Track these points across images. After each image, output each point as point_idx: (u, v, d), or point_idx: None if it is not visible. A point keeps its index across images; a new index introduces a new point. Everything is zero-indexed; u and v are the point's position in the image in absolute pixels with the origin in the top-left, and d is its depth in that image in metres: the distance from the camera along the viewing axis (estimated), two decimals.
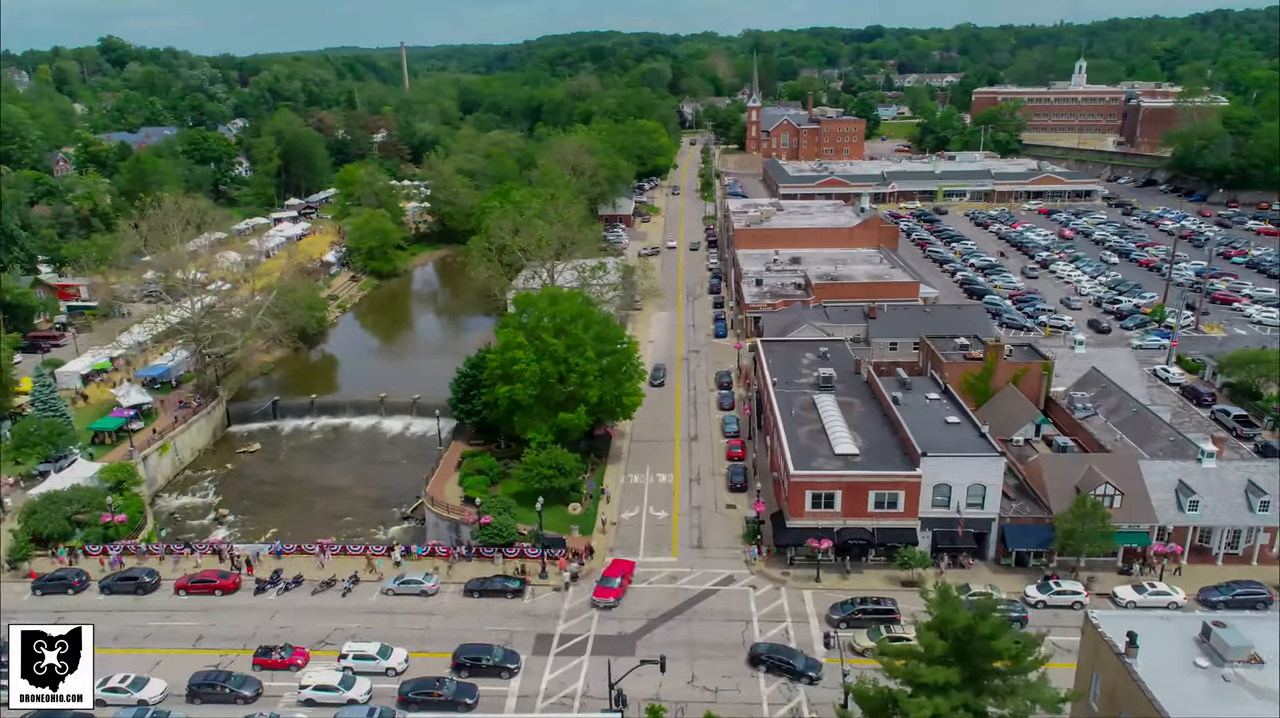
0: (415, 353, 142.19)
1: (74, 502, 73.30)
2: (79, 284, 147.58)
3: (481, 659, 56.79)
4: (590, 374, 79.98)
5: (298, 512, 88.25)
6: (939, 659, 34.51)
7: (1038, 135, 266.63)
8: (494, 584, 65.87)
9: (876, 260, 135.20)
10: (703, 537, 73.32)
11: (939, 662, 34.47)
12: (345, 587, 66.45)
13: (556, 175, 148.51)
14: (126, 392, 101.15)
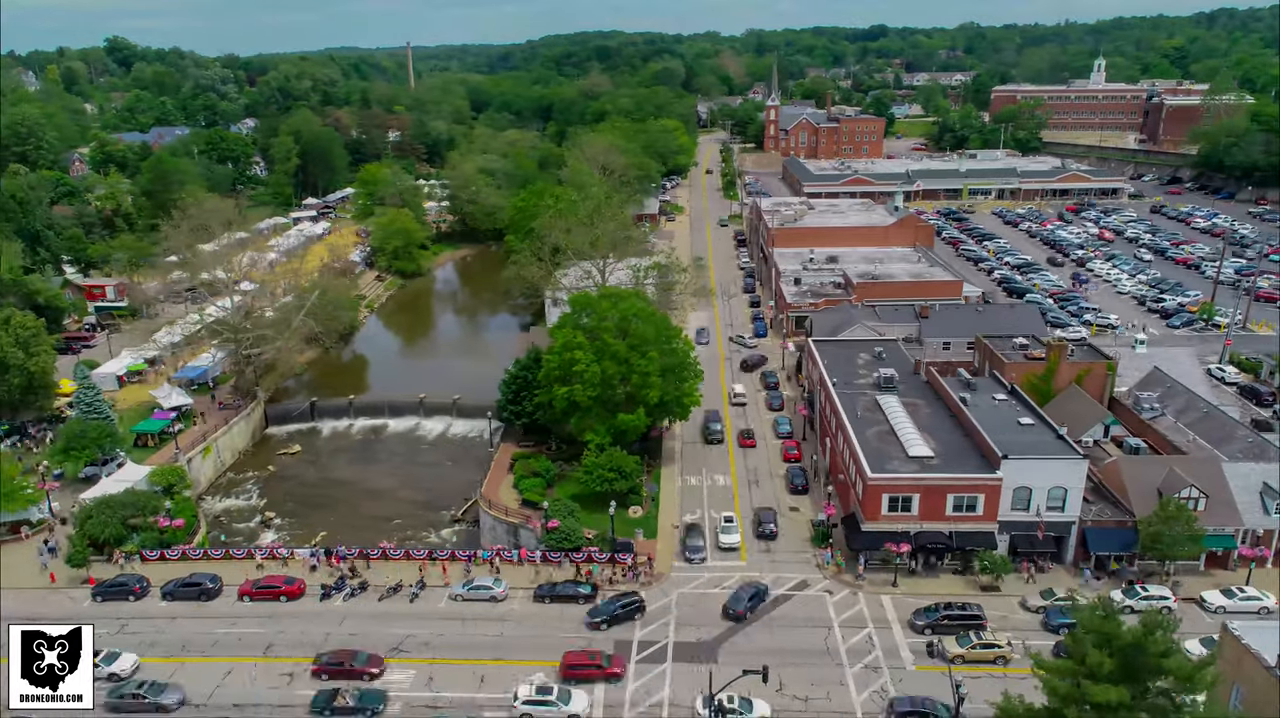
0: (445, 353, 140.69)
1: (129, 506, 71.83)
2: (105, 285, 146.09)
3: None
4: (652, 375, 78.53)
5: (345, 515, 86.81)
6: (1106, 677, 32.95)
7: (1058, 133, 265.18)
8: (565, 590, 64.45)
9: (915, 259, 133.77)
10: (769, 540, 71.87)
11: (1106, 680, 32.93)
12: (413, 592, 65.01)
13: (587, 175, 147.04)
14: (167, 393, 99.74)
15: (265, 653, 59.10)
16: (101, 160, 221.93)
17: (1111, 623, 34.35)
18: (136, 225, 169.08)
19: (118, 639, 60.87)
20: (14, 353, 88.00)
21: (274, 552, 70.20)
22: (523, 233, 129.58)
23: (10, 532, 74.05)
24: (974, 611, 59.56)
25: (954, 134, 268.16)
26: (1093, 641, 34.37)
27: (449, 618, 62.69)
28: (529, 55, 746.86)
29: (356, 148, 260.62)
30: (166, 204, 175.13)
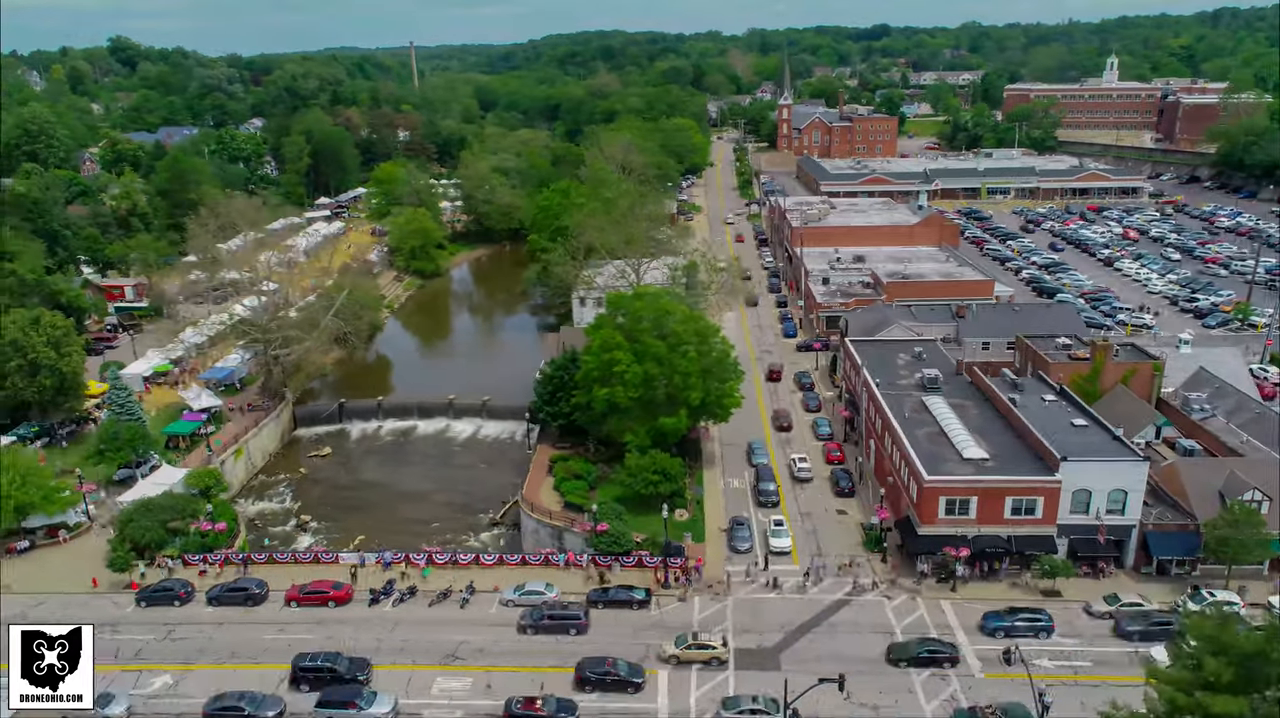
0: (468, 353, 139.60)
1: (169, 509, 70.74)
2: (123, 285, 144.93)
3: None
4: (693, 376, 77.45)
5: (381, 518, 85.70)
6: (1226, 687, 31.94)
7: (1072, 132, 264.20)
8: (619, 595, 63.37)
9: (942, 259, 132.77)
10: (820, 544, 70.80)
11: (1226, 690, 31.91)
12: (463, 597, 63.87)
13: (607, 173, 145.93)
14: (197, 395, 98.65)
15: None
16: (113, 160, 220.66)
17: (1228, 631, 33.30)
18: (152, 225, 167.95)
19: (165, 647, 59.82)
20: (46, 353, 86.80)
21: (318, 556, 69.00)
22: (547, 232, 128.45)
23: (47, 535, 72.90)
24: (1043, 617, 58.44)
25: (967, 133, 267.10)
26: (1208, 649, 33.30)
27: (501, 624, 61.55)
28: (531, 55, 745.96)
29: (366, 147, 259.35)
30: (183, 203, 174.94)
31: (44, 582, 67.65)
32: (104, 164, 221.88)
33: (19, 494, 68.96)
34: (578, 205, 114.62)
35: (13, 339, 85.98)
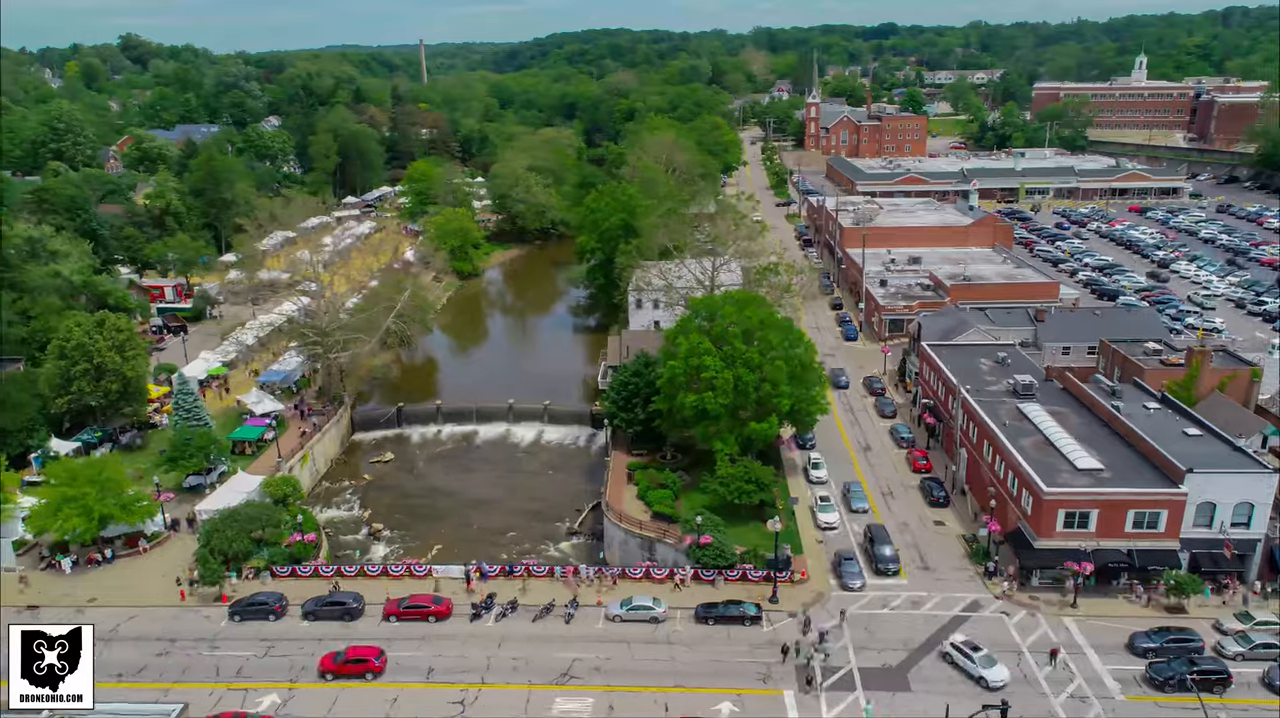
0: (513, 355, 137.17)
1: (254, 519, 68.75)
2: (163, 285, 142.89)
3: None
4: (783, 383, 75.49)
5: (455, 527, 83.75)
6: None
7: (1103, 132, 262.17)
8: (729, 611, 61.35)
9: (999, 260, 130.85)
10: (924, 557, 68.90)
11: None
12: (567, 612, 61.88)
13: (657, 173, 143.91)
14: (257, 399, 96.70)
15: (428, 679, 56.02)
16: (139, 158, 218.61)
17: None
18: (186, 224, 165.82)
19: (267, 664, 57.88)
20: (111, 357, 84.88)
21: (411, 569, 66.99)
22: (597, 233, 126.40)
23: (126, 545, 70.95)
24: (1193, 637, 56.36)
25: (995, 132, 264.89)
26: None
27: (610, 640, 59.58)
28: (537, 53, 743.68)
29: (389, 146, 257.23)
30: (217, 203, 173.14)
31: (129, 594, 65.72)
32: (129, 162, 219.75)
33: (101, 505, 67.00)
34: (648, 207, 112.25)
35: (78, 343, 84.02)
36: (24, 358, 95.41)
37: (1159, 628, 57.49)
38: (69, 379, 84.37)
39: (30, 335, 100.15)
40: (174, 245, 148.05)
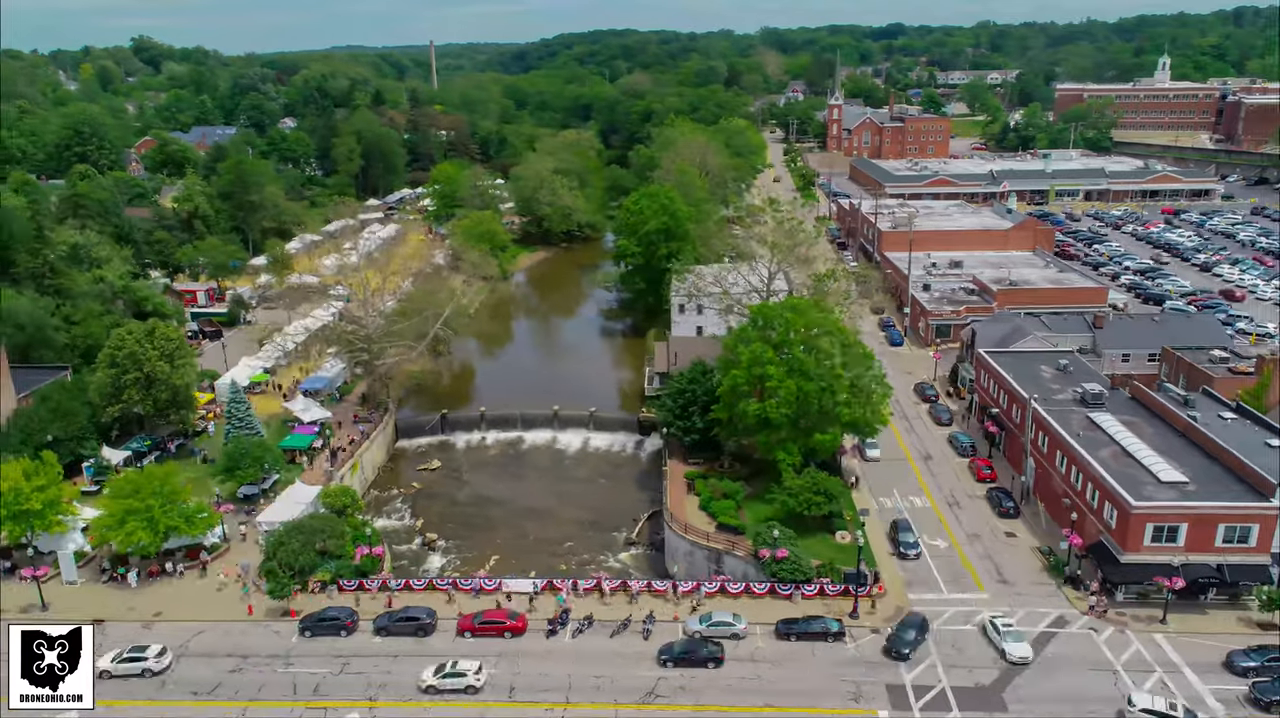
0: (548, 360, 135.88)
1: (319, 532, 67.63)
2: (196, 290, 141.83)
3: None
4: (845, 392, 74.19)
5: (511, 537, 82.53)
6: None
7: (1127, 133, 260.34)
8: (811, 627, 60.06)
9: (1041, 264, 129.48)
10: (1000, 569, 67.58)
11: None
12: (645, 628, 60.65)
13: (692, 175, 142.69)
14: (304, 406, 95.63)
15: (511, 697, 54.86)
16: (161, 161, 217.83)
17: None
18: (214, 228, 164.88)
19: (343, 681, 56.71)
20: (161, 366, 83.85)
21: (482, 583, 65.78)
22: (638, 236, 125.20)
23: (187, 557, 69.83)
24: None
25: (1018, 133, 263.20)
26: None
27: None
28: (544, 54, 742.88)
29: (409, 148, 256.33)
30: (245, 206, 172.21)
31: (194, 609, 64.62)
32: (151, 165, 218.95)
33: (165, 518, 65.93)
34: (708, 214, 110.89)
35: (130, 352, 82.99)
36: (69, 365, 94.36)
37: (1258, 647, 56.12)
38: (119, 388, 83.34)
39: (74, 342, 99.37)
40: (205, 249, 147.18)
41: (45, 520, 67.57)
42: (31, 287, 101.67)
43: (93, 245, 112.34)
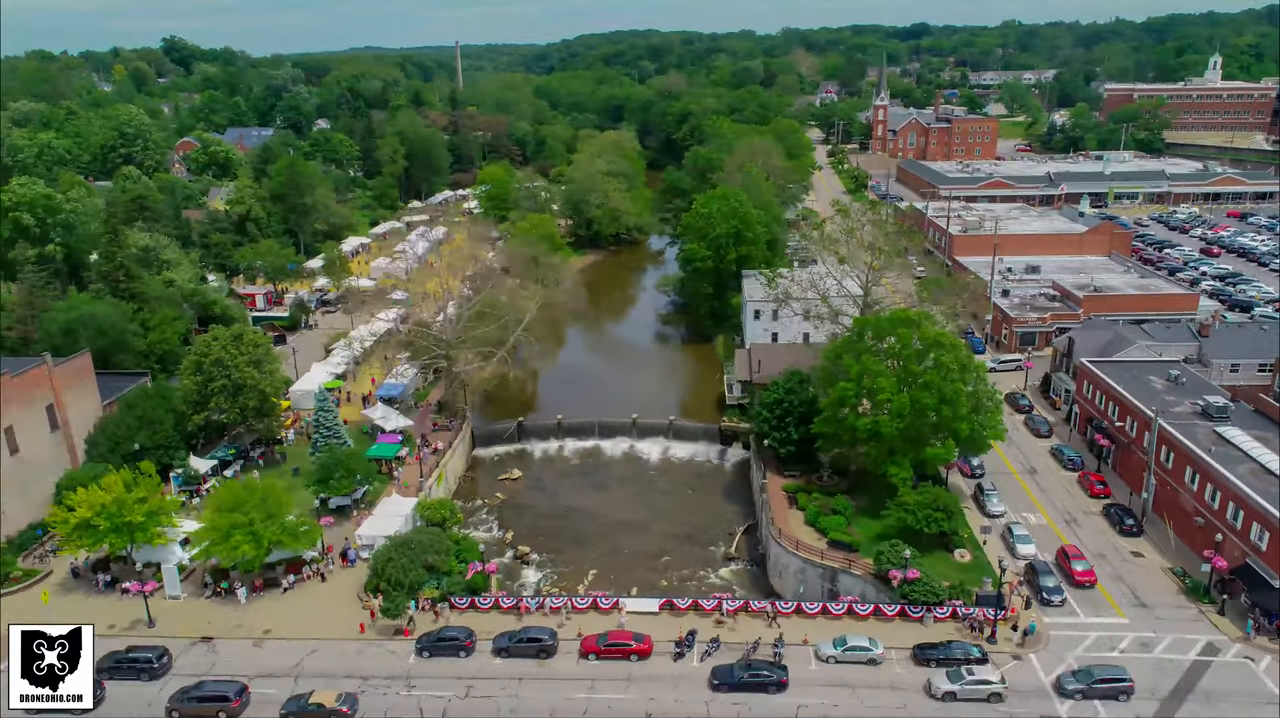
0: (610, 366, 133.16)
1: (427, 547, 65.74)
2: (254, 293, 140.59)
3: None
4: (962, 405, 71.61)
5: (605, 551, 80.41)
6: None
7: (1179, 134, 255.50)
8: (951, 652, 57.47)
9: (1120, 269, 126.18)
10: (1135, 591, 64.77)
11: None
12: (775, 651, 58.28)
13: (758, 179, 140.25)
14: (384, 414, 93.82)
15: None
16: (205, 162, 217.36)
17: None
18: (267, 230, 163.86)
19: (471, 705, 54.69)
20: (249, 372, 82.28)
21: (596, 602, 63.64)
22: (707, 240, 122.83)
23: (287, 572, 67.98)
24: None
25: (1065, 134, 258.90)
26: None
27: (831, 684, 55.89)
28: (566, 55, 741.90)
29: (452, 149, 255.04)
30: (297, 208, 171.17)
31: (302, 626, 62.75)
32: (195, 167, 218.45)
33: (269, 531, 64.18)
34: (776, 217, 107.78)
35: (217, 358, 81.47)
36: (149, 371, 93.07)
37: None
38: (206, 395, 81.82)
39: (149, 347, 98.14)
40: (262, 252, 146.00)
41: (147, 533, 66.07)
42: (106, 290, 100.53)
43: (162, 248, 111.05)
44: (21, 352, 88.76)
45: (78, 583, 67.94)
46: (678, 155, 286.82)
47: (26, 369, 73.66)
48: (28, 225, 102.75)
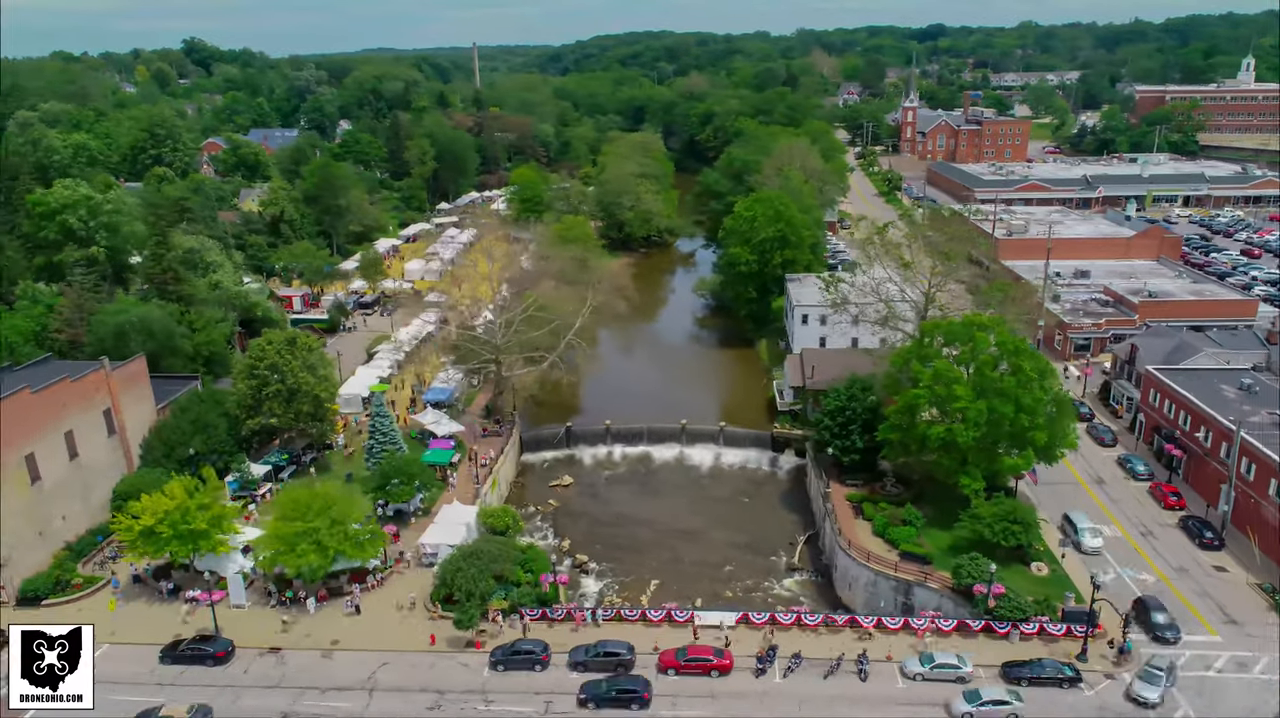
0: (658, 369, 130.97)
1: (495, 557, 64.50)
2: (292, 295, 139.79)
3: None
4: (1041, 414, 69.87)
5: (666, 561, 78.91)
6: None
7: (1212, 136, 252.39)
8: (1043, 671, 55.74)
9: (1171, 274, 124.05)
10: (1223, 609, 62.89)
11: None
12: (860, 668, 56.72)
13: (798, 181, 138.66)
14: (435, 419, 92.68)
15: None
16: (234, 163, 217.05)
17: None
18: (300, 232, 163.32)
19: None
20: (305, 377, 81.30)
21: (670, 614, 62.21)
22: (752, 243, 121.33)
23: (350, 581, 66.85)
24: None
25: (1096, 136, 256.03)
26: None
27: (922, 703, 54.31)
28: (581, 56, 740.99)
29: (478, 150, 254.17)
30: (331, 210, 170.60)
31: (370, 637, 61.59)
32: (225, 168, 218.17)
33: (335, 541, 63.05)
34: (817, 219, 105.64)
35: (272, 363, 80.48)
36: (199, 375, 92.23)
37: None
38: (260, 400, 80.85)
39: (196, 350, 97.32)
40: (299, 254, 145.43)
41: (211, 541, 65.08)
42: (153, 293, 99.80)
43: (205, 250, 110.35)
44: (71, 355, 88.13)
45: (140, 590, 66.99)
46: (701, 157, 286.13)
47: (85, 373, 72.77)
48: (74, 227, 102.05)
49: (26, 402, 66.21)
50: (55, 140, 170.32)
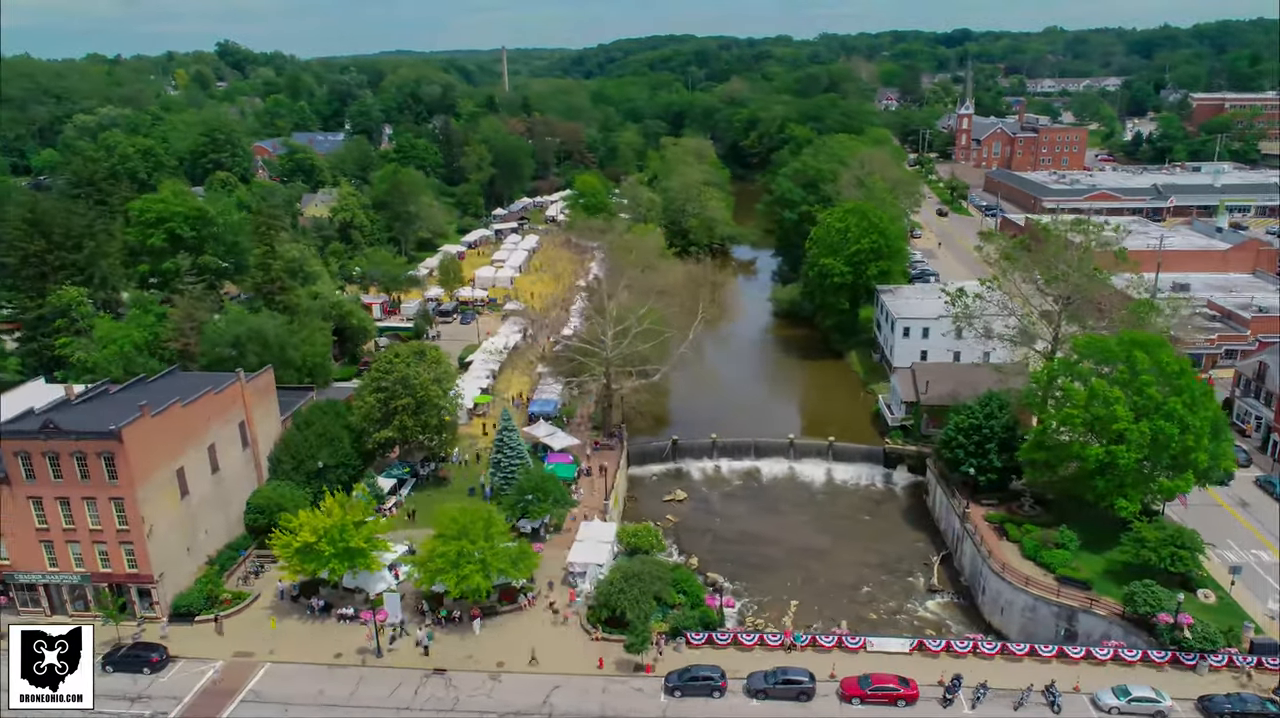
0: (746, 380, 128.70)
1: (657, 579, 63.28)
2: (372, 303, 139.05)
3: None
4: (1205, 436, 68.10)
5: (799, 579, 77.53)
6: None
7: (1270, 144, 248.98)
8: (1244, 706, 54.00)
9: (1271, 287, 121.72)
10: None
11: None
12: (1052, 699, 55.14)
13: (883, 191, 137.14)
14: (551, 432, 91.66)
15: None
16: (291, 168, 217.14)
17: None
18: (371, 238, 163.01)
19: None
20: (434, 389, 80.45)
21: (842, 640, 60.82)
22: (845, 255, 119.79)
23: (501, 599, 65.84)
24: None
25: (1153, 144, 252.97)
26: None
27: None
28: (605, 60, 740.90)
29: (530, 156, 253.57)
30: (402, 216, 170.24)
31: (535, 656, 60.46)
32: (283, 172, 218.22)
33: (495, 560, 62.03)
34: None
35: (401, 376, 79.64)
36: (313, 386, 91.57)
37: None
38: (390, 413, 80.00)
39: (304, 361, 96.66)
40: (378, 260, 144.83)
41: (367, 558, 64.22)
42: (260, 302, 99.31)
43: (306, 259, 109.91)
44: (182, 365, 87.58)
45: (290, 608, 66.16)
46: (744, 163, 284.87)
47: (226, 385, 72.11)
48: (184, 235, 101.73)
49: (177, 415, 65.61)
50: (128, 146, 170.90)
